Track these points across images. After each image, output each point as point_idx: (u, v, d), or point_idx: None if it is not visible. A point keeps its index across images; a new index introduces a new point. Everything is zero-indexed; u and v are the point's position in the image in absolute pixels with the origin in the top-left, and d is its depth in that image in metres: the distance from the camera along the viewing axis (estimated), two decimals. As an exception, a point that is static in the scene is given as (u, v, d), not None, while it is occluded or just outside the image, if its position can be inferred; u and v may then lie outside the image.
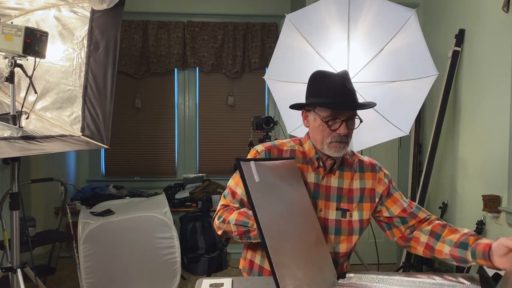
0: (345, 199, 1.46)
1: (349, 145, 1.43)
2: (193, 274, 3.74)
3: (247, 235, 1.33)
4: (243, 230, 1.34)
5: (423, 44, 2.32)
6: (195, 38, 4.43)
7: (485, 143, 2.69)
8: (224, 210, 1.44)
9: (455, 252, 1.32)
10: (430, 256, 1.42)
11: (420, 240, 1.43)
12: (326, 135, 1.39)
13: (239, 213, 1.37)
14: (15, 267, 2.20)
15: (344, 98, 1.37)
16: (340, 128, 1.37)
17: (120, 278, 2.95)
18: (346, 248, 1.47)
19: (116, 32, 2.28)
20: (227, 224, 1.37)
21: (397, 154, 3.96)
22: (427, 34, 2.65)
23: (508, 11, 2.44)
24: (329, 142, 1.39)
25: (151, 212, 3.06)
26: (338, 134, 1.37)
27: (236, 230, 1.35)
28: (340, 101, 1.37)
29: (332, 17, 2.40)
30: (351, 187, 1.47)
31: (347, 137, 1.39)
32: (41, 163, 3.65)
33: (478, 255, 1.26)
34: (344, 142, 1.39)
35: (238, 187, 1.45)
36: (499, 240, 1.21)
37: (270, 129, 3.17)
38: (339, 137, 1.37)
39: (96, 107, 2.30)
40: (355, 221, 1.47)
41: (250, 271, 1.52)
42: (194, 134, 4.63)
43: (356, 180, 1.48)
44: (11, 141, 2.05)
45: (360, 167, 1.51)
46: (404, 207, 1.48)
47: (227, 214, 1.40)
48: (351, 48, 2.38)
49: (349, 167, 1.49)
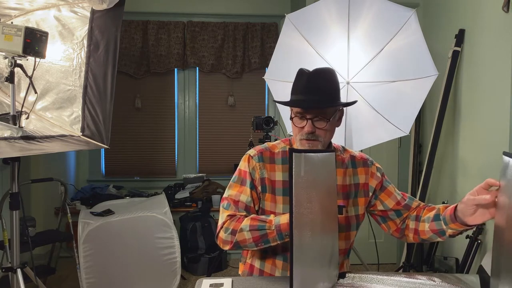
0: (340, 195, 1.46)
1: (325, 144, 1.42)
2: (193, 274, 3.74)
3: (265, 239, 1.30)
4: (259, 235, 1.30)
5: (423, 44, 2.32)
6: (195, 38, 4.43)
7: (485, 143, 2.69)
8: (231, 221, 1.38)
9: (433, 226, 1.36)
10: (419, 240, 1.45)
11: (409, 227, 1.46)
12: (297, 132, 1.42)
13: (251, 219, 1.34)
14: (15, 267, 2.20)
15: (308, 96, 1.37)
16: (305, 126, 1.37)
17: (120, 278, 2.95)
18: (345, 244, 1.48)
19: (116, 32, 2.28)
20: (239, 233, 1.33)
21: (397, 154, 3.96)
22: (427, 34, 2.65)
23: (508, 11, 2.44)
24: (300, 139, 1.40)
25: (151, 212, 3.06)
26: (305, 132, 1.38)
27: (252, 237, 1.31)
28: (302, 99, 1.37)
29: (332, 17, 2.40)
30: (345, 183, 1.48)
31: (314, 135, 1.38)
32: (41, 163, 3.65)
33: (448, 220, 1.31)
34: (314, 140, 1.38)
35: (242, 194, 1.43)
36: (463, 200, 1.24)
37: (270, 129, 3.17)
38: (306, 135, 1.38)
39: (96, 107, 2.30)
40: (351, 217, 1.48)
41: (250, 275, 1.52)
42: (194, 134, 4.63)
43: (349, 176, 1.49)
44: (11, 141, 2.05)
45: (352, 163, 1.51)
46: (398, 200, 1.50)
47: (236, 224, 1.36)
48: (351, 48, 2.38)
49: (341, 163, 1.49)
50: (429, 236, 1.40)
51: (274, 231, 1.28)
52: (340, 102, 1.44)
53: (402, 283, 1.31)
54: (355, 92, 2.37)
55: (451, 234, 1.34)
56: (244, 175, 1.47)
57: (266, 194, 1.45)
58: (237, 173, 1.50)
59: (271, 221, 1.30)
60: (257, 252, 1.49)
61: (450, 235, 1.35)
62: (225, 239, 1.37)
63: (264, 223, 1.31)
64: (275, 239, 1.29)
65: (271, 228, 1.29)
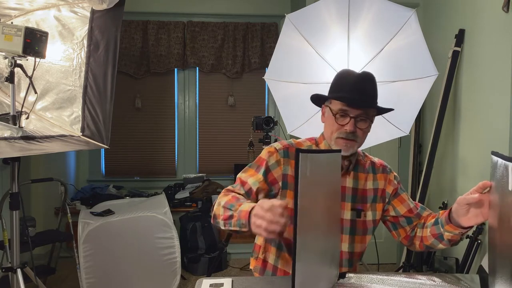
0: (359, 199, 1.47)
1: (359, 145, 1.42)
2: (193, 274, 3.74)
3: (230, 221, 1.23)
4: (228, 215, 1.24)
5: (423, 44, 2.32)
6: (195, 38, 4.43)
7: (485, 143, 2.69)
8: (224, 195, 1.36)
9: (434, 230, 1.37)
10: (424, 248, 1.45)
11: (416, 235, 1.46)
12: (334, 129, 1.39)
13: (232, 197, 1.31)
14: (15, 267, 2.20)
15: (356, 95, 1.36)
16: (347, 124, 1.36)
17: (120, 278, 2.95)
18: (360, 248, 1.49)
19: (116, 32, 2.28)
20: (217, 206, 1.31)
21: (397, 154, 3.96)
22: (427, 34, 2.65)
23: (508, 11, 2.44)
24: (336, 137, 1.39)
25: (151, 212, 3.06)
26: (345, 130, 1.36)
27: (223, 214, 1.26)
28: (352, 97, 1.36)
29: (332, 17, 2.40)
30: (365, 187, 1.49)
31: (354, 135, 1.37)
32: (41, 163, 3.65)
33: (443, 223, 1.32)
34: (351, 140, 1.38)
35: (251, 177, 1.41)
36: (457, 200, 1.24)
37: (270, 129, 3.17)
38: (345, 134, 1.37)
39: (96, 107, 2.30)
40: (369, 221, 1.49)
41: (263, 271, 1.51)
42: (194, 134, 4.63)
43: (370, 181, 1.50)
44: (11, 141, 2.05)
45: (372, 168, 1.53)
46: (410, 208, 1.50)
47: (223, 198, 1.33)
48: (351, 48, 2.38)
49: (363, 168, 1.51)
50: (431, 241, 1.39)
51: (237, 216, 1.21)
52: (384, 107, 1.44)
53: (402, 283, 1.31)
54: (355, 92, 2.37)
55: (449, 238, 1.33)
56: (262, 163, 1.44)
57: (288, 190, 1.43)
58: (257, 160, 1.47)
59: (240, 205, 1.24)
60: (271, 248, 1.49)
61: (449, 240, 1.34)
62: (213, 212, 1.34)
63: (236, 204, 1.25)
64: (236, 224, 1.21)
65: (236, 211, 1.22)
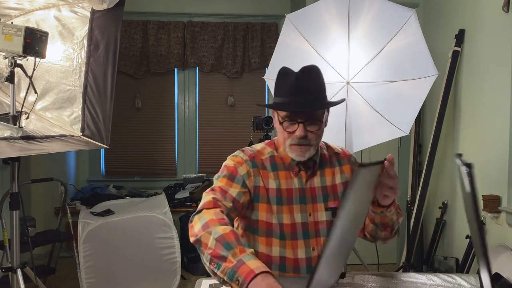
0: (331, 196, 1.39)
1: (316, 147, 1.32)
2: (193, 274, 3.75)
3: (220, 262, 1.04)
4: (219, 254, 1.04)
5: (423, 44, 2.32)
6: (195, 38, 4.43)
7: (485, 143, 2.69)
8: (212, 212, 1.17)
9: (369, 216, 1.32)
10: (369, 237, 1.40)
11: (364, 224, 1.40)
12: (286, 136, 1.30)
13: (231, 231, 1.09)
14: (15, 267, 2.20)
15: (298, 98, 1.25)
16: (297, 130, 1.26)
17: (120, 278, 2.95)
18: None
19: (116, 32, 2.29)
20: (206, 233, 1.09)
21: (397, 154, 3.96)
22: (427, 34, 2.65)
23: (508, 11, 2.44)
24: (289, 144, 1.29)
25: (151, 212, 3.06)
26: (296, 136, 1.26)
27: (213, 248, 1.06)
28: (292, 101, 1.25)
29: (332, 17, 2.40)
30: (334, 182, 1.40)
31: (307, 140, 1.27)
32: (41, 163, 3.65)
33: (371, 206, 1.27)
34: (305, 145, 1.28)
35: (231, 188, 1.28)
36: None
37: (270, 129, 3.18)
38: (297, 140, 1.27)
39: (96, 107, 2.30)
40: None
41: None
42: (194, 134, 4.63)
43: (337, 175, 1.41)
44: (11, 141, 2.05)
45: (338, 161, 1.44)
46: None
47: (213, 220, 1.13)
48: (351, 48, 2.38)
49: (328, 163, 1.41)
50: (370, 228, 1.35)
51: (233, 266, 1.01)
52: (332, 102, 1.33)
53: (402, 283, 1.31)
54: (355, 92, 2.38)
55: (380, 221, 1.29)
56: (235, 172, 1.31)
57: (260, 204, 1.33)
58: (225, 169, 1.33)
59: (242, 251, 1.04)
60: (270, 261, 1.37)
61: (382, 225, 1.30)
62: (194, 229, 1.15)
63: (235, 247, 1.05)
64: (227, 273, 1.01)
65: (234, 257, 1.03)
